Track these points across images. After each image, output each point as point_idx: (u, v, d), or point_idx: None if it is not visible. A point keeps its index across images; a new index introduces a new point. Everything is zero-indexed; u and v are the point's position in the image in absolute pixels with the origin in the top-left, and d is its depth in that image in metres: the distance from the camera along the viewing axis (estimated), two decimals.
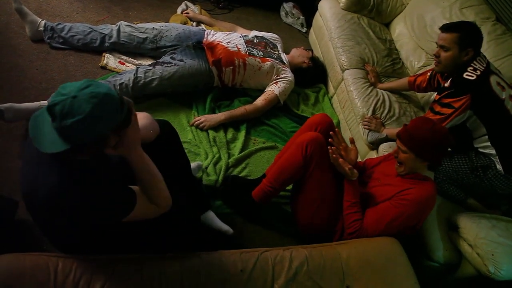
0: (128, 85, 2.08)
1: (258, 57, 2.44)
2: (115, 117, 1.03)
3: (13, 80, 2.03)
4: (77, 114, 0.95)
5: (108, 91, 1.01)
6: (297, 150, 1.69)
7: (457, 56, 1.81)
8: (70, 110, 0.95)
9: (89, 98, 0.96)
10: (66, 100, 0.95)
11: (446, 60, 1.85)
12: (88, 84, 0.99)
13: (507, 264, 1.59)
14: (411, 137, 1.55)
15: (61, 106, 0.95)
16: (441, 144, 1.54)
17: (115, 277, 1.22)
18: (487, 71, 1.80)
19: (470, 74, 1.78)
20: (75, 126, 0.96)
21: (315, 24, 3.14)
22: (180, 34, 2.43)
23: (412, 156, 1.56)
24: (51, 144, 0.98)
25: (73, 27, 2.29)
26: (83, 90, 0.97)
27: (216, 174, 2.00)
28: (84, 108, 0.96)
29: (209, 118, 2.24)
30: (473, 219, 1.74)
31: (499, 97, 1.78)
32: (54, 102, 0.96)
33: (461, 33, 1.79)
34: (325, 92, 2.82)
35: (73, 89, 0.97)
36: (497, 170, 1.80)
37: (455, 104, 1.77)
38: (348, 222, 1.66)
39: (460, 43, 1.79)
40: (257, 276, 1.38)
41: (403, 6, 3.00)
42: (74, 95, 0.95)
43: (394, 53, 2.82)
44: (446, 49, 1.83)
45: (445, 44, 1.82)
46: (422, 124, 1.57)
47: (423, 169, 1.60)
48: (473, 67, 1.79)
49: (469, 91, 1.75)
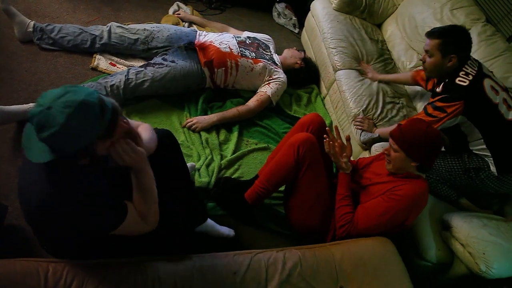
0: (119, 86, 2.06)
1: (251, 58, 2.44)
2: (95, 125, 0.99)
3: (2, 82, 2.00)
4: (52, 127, 0.93)
5: (85, 97, 0.96)
6: (288, 151, 1.68)
7: (440, 63, 1.82)
8: (45, 123, 0.93)
9: (63, 108, 0.93)
10: (42, 112, 0.93)
11: (430, 66, 1.86)
12: (65, 92, 0.96)
13: (498, 263, 1.60)
14: (403, 136, 1.56)
15: (37, 119, 0.93)
16: (432, 146, 1.55)
17: (107, 281, 1.21)
18: (480, 74, 1.79)
19: (462, 79, 1.77)
20: (52, 138, 0.94)
21: (307, 25, 3.15)
22: (172, 35, 2.41)
23: (403, 155, 1.56)
24: (38, 154, 0.97)
25: (63, 28, 2.27)
26: (59, 100, 0.94)
27: (208, 176, 1.99)
28: (58, 119, 0.93)
29: (201, 119, 2.23)
30: (465, 219, 1.75)
31: (492, 101, 1.77)
32: (32, 114, 0.94)
33: (444, 39, 1.78)
34: (318, 93, 2.82)
35: (49, 99, 0.94)
36: (490, 171, 1.81)
37: (447, 109, 1.77)
38: (339, 215, 1.66)
39: (442, 50, 1.79)
40: (250, 278, 1.37)
41: (395, 7, 3.02)
42: (49, 106, 0.93)
43: (386, 53, 2.84)
44: (430, 54, 1.84)
45: (428, 49, 1.83)
46: (415, 124, 1.58)
47: (412, 169, 1.60)
48: (464, 72, 1.79)
49: (462, 98, 1.74)
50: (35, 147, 0.98)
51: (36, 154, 0.98)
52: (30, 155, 0.99)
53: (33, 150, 0.98)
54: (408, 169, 1.61)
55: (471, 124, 1.80)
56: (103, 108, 1.00)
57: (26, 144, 1.00)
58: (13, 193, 1.61)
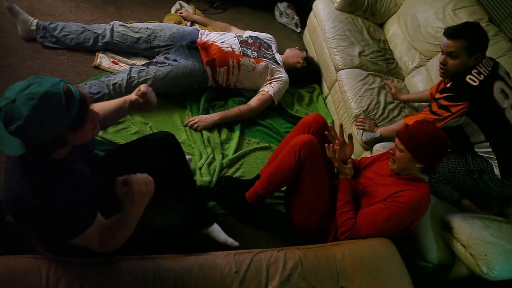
0: (122, 85, 2.07)
1: (252, 58, 2.44)
2: (62, 115, 0.97)
3: (5, 80, 2.01)
4: (17, 119, 0.92)
5: (49, 88, 0.95)
6: (290, 153, 1.68)
7: (466, 63, 1.75)
8: (10, 116, 0.92)
9: (27, 101, 0.92)
10: (7, 105, 0.92)
11: (453, 67, 1.77)
12: (29, 84, 0.94)
13: (500, 264, 1.60)
14: (410, 136, 1.54)
15: (3, 112, 0.92)
16: (439, 149, 1.54)
17: (107, 279, 1.21)
18: (492, 75, 1.74)
19: (473, 78, 1.72)
20: (19, 131, 0.93)
21: (309, 24, 3.14)
22: (174, 34, 2.41)
23: (409, 156, 1.55)
24: (12, 148, 0.96)
25: (66, 27, 2.27)
26: (23, 92, 0.93)
27: (210, 175, 1.99)
28: (22, 112, 0.91)
29: (203, 118, 2.23)
30: (466, 220, 1.75)
31: (500, 105, 1.73)
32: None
33: (469, 39, 1.71)
34: (319, 93, 2.82)
35: (14, 91, 0.93)
36: (493, 174, 1.80)
37: (452, 109, 1.75)
38: (341, 221, 1.66)
39: (469, 50, 1.71)
40: (251, 278, 1.37)
41: (397, 7, 3.01)
42: (13, 99, 0.92)
43: (388, 53, 2.83)
44: (455, 56, 1.74)
45: (453, 50, 1.73)
46: (423, 126, 1.57)
47: (416, 171, 1.60)
48: (477, 70, 1.73)
49: (468, 98, 1.71)
50: (7, 140, 0.96)
51: (10, 147, 0.96)
52: (4, 149, 0.97)
53: (6, 144, 0.96)
54: (412, 171, 1.60)
55: (475, 126, 1.78)
56: (69, 98, 0.98)
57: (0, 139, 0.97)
58: None
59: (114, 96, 2.06)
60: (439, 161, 1.59)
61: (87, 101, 1.04)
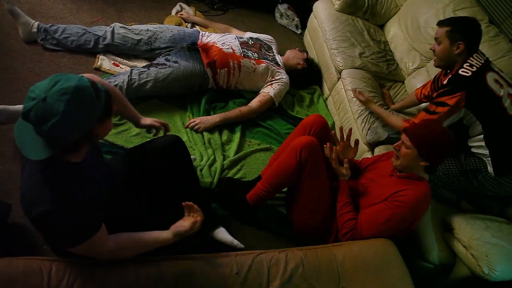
0: (122, 87, 2.07)
1: (253, 59, 2.44)
2: (94, 107, 0.99)
3: (6, 82, 2.01)
4: (53, 116, 0.92)
5: (78, 82, 0.96)
6: (291, 155, 1.68)
7: (448, 50, 1.85)
8: (44, 114, 0.92)
9: (60, 96, 0.93)
10: (37, 104, 0.92)
11: (439, 53, 1.89)
12: (56, 81, 0.95)
13: (501, 265, 1.60)
14: (419, 134, 1.54)
15: (34, 112, 0.92)
16: (445, 148, 1.54)
17: (109, 280, 1.21)
18: (485, 67, 1.80)
19: (465, 70, 1.79)
20: (55, 128, 0.93)
21: (309, 26, 3.15)
22: (175, 35, 2.42)
23: (415, 153, 1.54)
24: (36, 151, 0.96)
25: (67, 29, 2.28)
26: (51, 89, 0.93)
27: (211, 176, 1.99)
28: (57, 108, 0.92)
29: (204, 120, 2.24)
30: (467, 220, 1.75)
31: (496, 93, 1.76)
32: (26, 108, 0.92)
33: (452, 26, 1.83)
34: (320, 94, 2.82)
35: (41, 90, 0.93)
36: (487, 172, 1.80)
37: (449, 102, 1.77)
38: (342, 222, 1.66)
39: (450, 36, 1.83)
40: (252, 279, 1.37)
41: (397, 8, 3.02)
42: (43, 97, 0.92)
43: (389, 54, 2.84)
44: (439, 42, 1.88)
45: (437, 37, 1.88)
46: (431, 125, 1.58)
47: (419, 169, 1.60)
48: (469, 63, 1.80)
49: (463, 88, 1.75)
50: (30, 144, 0.96)
51: (34, 151, 0.96)
52: (28, 153, 0.97)
53: (29, 148, 0.96)
54: (415, 169, 1.60)
55: (473, 116, 1.79)
56: (96, 90, 1.01)
57: (21, 143, 0.97)
58: (17, 192, 1.59)
59: None
60: (442, 159, 1.60)
61: (109, 91, 1.07)
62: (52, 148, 0.97)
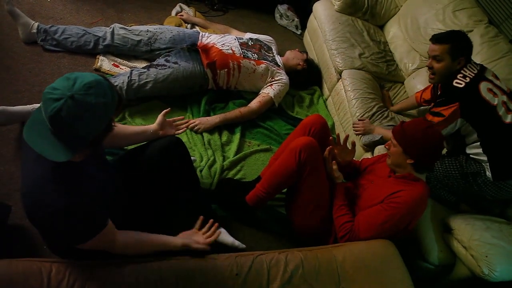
0: (122, 87, 2.07)
1: (253, 60, 2.44)
2: (114, 96, 1.03)
3: (6, 83, 2.01)
4: (86, 111, 0.95)
5: (94, 76, 0.99)
6: (290, 156, 1.68)
7: (450, 66, 1.86)
8: (78, 110, 0.94)
9: (86, 91, 0.95)
10: (66, 103, 0.92)
11: (439, 70, 1.88)
12: (74, 79, 0.96)
13: (501, 266, 1.60)
14: (403, 131, 1.58)
15: (66, 111, 0.92)
16: (429, 146, 1.54)
17: (109, 281, 1.21)
18: (478, 77, 1.81)
19: (459, 81, 1.80)
20: (91, 122, 0.97)
21: (309, 26, 3.15)
22: (175, 36, 2.42)
23: (400, 150, 1.58)
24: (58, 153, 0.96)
25: (67, 30, 2.28)
26: (74, 87, 0.94)
27: (210, 177, 1.99)
28: (89, 101, 0.95)
29: (204, 120, 2.24)
30: (467, 221, 1.75)
31: (490, 103, 1.78)
32: (54, 110, 0.92)
33: (452, 43, 1.83)
34: (320, 94, 2.82)
35: (64, 90, 0.93)
36: (486, 177, 1.80)
37: (444, 112, 1.80)
38: (339, 225, 1.66)
39: (452, 53, 1.83)
40: (252, 280, 1.37)
41: (397, 9, 3.02)
42: (70, 95, 0.93)
43: (388, 55, 2.84)
44: (439, 59, 1.87)
45: (438, 54, 1.86)
46: (417, 123, 1.59)
47: (410, 169, 1.60)
48: (462, 74, 1.82)
49: (457, 100, 1.78)
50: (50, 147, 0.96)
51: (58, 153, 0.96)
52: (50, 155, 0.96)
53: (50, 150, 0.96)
54: (406, 167, 1.61)
55: (469, 126, 1.81)
56: (109, 82, 1.04)
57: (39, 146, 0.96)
58: (16, 193, 1.61)
59: None
60: (430, 159, 1.59)
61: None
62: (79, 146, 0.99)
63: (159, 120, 1.63)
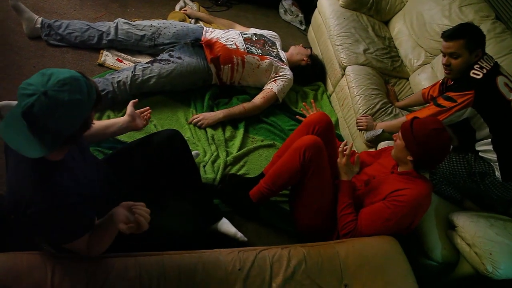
0: (126, 82, 2.07)
1: (257, 55, 2.43)
2: (91, 94, 1.00)
3: (10, 78, 2.02)
4: (59, 107, 0.93)
5: (70, 73, 0.97)
6: (294, 155, 1.66)
7: (468, 60, 1.81)
8: (50, 106, 0.92)
9: (61, 88, 0.93)
10: (39, 99, 0.91)
11: (458, 66, 1.83)
12: (48, 75, 0.94)
13: (505, 263, 1.59)
14: (409, 127, 1.56)
15: (38, 107, 0.91)
16: (430, 147, 1.52)
17: (113, 275, 1.22)
18: (495, 70, 1.79)
19: (476, 72, 1.77)
20: (63, 118, 0.94)
21: (314, 22, 3.13)
22: (178, 31, 2.41)
23: (403, 144, 1.58)
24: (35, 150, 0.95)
25: (71, 24, 2.28)
26: (48, 83, 0.93)
27: (214, 173, 1.99)
28: (62, 98, 0.93)
29: (208, 116, 2.23)
30: (471, 218, 1.74)
31: (505, 97, 1.75)
32: (27, 105, 0.90)
33: (468, 37, 1.79)
34: (324, 90, 2.81)
35: (37, 85, 0.92)
36: (495, 177, 1.78)
37: (458, 99, 1.76)
38: (343, 223, 1.65)
39: (469, 47, 1.78)
40: (255, 275, 1.37)
41: (403, 4, 2.99)
42: (43, 91, 0.91)
43: (393, 51, 2.82)
44: (456, 56, 1.81)
45: (454, 51, 1.80)
46: (426, 121, 1.58)
47: (409, 163, 1.59)
48: (479, 65, 1.79)
49: (473, 88, 1.74)
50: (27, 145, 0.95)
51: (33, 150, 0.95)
52: (27, 153, 0.95)
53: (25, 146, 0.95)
54: (407, 163, 1.61)
55: (480, 118, 1.78)
56: (87, 78, 1.02)
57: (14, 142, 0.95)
58: None
59: (119, 94, 2.07)
60: (430, 160, 1.57)
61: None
62: (54, 143, 0.97)
63: (130, 111, 1.56)
